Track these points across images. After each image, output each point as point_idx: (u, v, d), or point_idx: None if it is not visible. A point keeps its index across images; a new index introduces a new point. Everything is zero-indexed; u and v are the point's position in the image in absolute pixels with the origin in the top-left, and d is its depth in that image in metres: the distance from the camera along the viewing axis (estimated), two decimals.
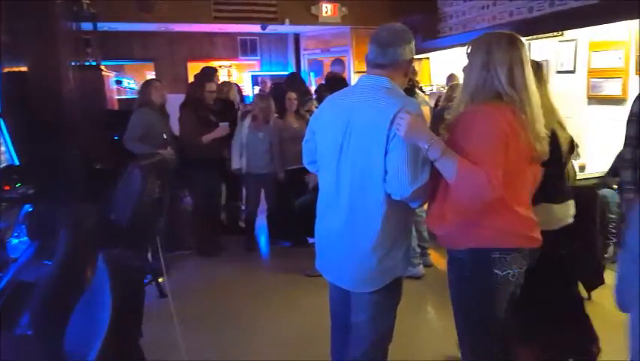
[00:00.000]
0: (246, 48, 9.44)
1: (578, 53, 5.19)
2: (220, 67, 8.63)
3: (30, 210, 3.03)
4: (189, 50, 9.07)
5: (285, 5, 7.43)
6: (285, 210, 4.65)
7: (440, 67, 7.64)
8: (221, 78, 7.55)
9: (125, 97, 8.05)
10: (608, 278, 3.52)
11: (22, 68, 3.91)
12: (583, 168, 4.38)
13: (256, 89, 8.45)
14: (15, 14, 3.55)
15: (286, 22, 7.50)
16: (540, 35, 5.51)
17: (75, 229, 1.84)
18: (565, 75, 5.36)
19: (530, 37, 5.48)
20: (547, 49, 5.57)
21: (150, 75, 8.70)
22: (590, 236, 3.32)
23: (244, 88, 8.39)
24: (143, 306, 1.32)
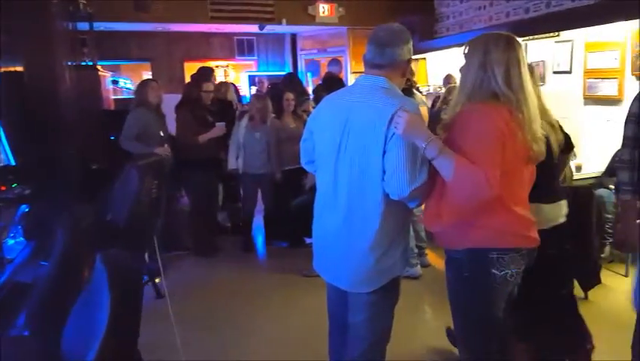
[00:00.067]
0: (243, 48, 9.43)
1: (574, 53, 5.21)
2: (217, 67, 8.62)
3: (26, 210, 3.02)
4: (186, 50, 9.05)
5: (282, 5, 7.42)
6: (282, 211, 4.65)
7: (437, 67, 7.65)
8: (218, 78, 7.56)
9: (122, 97, 8.03)
10: (604, 278, 3.55)
11: (18, 67, 3.90)
12: (579, 168, 4.40)
13: (253, 90, 8.44)
14: (11, 14, 3.54)
15: (283, 22, 7.50)
16: (537, 36, 5.53)
17: (72, 229, 1.84)
18: (561, 76, 5.39)
19: (527, 38, 5.50)
20: (543, 49, 5.59)
21: (147, 75, 8.66)
22: (587, 236, 3.34)
23: (241, 88, 8.38)
24: (141, 306, 1.31)
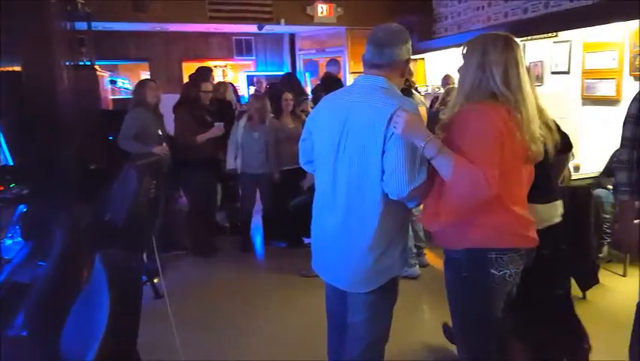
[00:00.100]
0: (241, 48, 9.43)
1: (572, 54, 5.22)
2: (215, 67, 8.61)
3: (24, 210, 3.02)
4: (184, 50, 9.05)
5: (281, 5, 7.42)
6: (281, 211, 4.64)
7: (435, 68, 7.66)
8: (217, 78, 7.54)
9: (120, 97, 8.02)
10: (602, 278, 3.56)
11: (16, 67, 3.89)
12: (577, 169, 4.41)
13: (251, 90, 8.43)
14: (8, 14, 3.53)
15: (282, 22, 7.49)
16: (535, 36, 5.54)
17: (71, 229, 1.83)
18: (559, 76, 5.40)
19: (525, 38, 5.50)
20: (541, 50, 5.61)
21: (145, 75, 8.67)
22: (585, 236, 3.35)
23: (239, 88, 8.38)
24: (140, 306, 1.31)
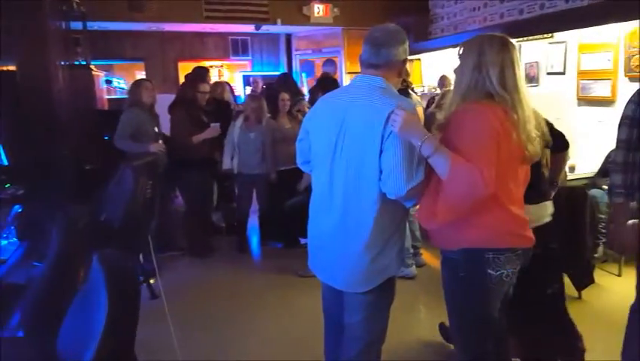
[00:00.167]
0: (238, 48, 9.41)
1: (567, 54, 5.24)
2: (211, 67, 8.59)
3: (19, 210, 3.01)
4: (180, 50, 9.02)
5: (277, 5, 7.41)
6: (277, 211, 4.64)
7: (431, 68, 7.68)
8: (212, 78, 7.53)
9: (115, 97, 7.99)
10: (597, 278, 3.57)
11: (11, 67, 3.87)
12: (573, 169, 4.42)
13: (248, 90, 8.42)
14: (3, 13, 3.52)
15: (278, 22, 7.49)
16: (530, 37, 5.56)
17: (67, 229, 1.83)
18: (555, 77, 5.42)
19: (521, 39, 5.52)
20: (537, 51, 5.62)
21: (140, 75, 8.63)
22: (580, 236, 3.36)
23: (235, 88, 8.37)
24: (139, 306, 1.31)
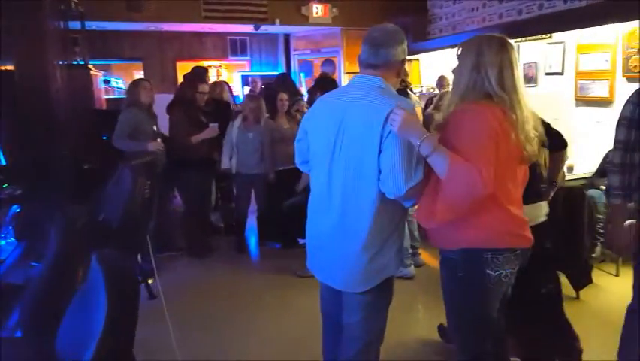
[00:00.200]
0: (236, 48, 9.41)
1: (566, 55, 5.25)
2: (210, 67, 8.59)
3: (17, 210, 3.00)
4: (178, 50, 9.02)
5: (276, 5, 7.41)
6: (275, 211, 4.64)
7: (430, 68, 7.68)
8: (211, 78, 7.52)
9: (114, 97, 7.99)
10: (595, 278, 3.58)
11: (9, 67, 3.86)
12: (571, 169, 4.42)
13: (246, 90, 8.42)
14: (2, 13, 3.51)
15: (277, 22, 7.49)
16: (529, 37, 5.56)
17: (66, 229, 1.82)
18: (553, 77, 5.43)
19: (519, 40, 5.53)
20: (535, 51, 5.63)
21: (138, 75, 8.62)
22: (578, 236, 3.37)
23: (234, 88, 8.37)
24: (138, 306, 1.31)
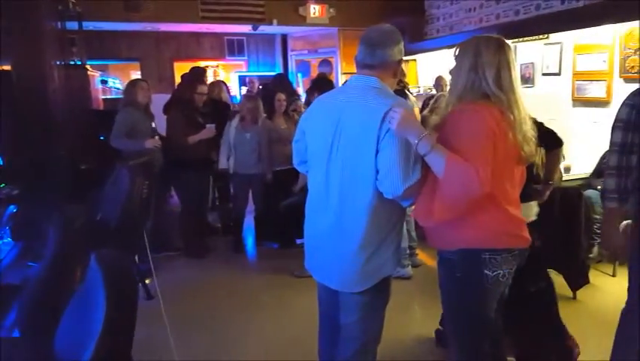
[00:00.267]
0: (233, 48, 9.41)
1: (563, 55, 5.27)
2: (207, 67, 8.58)
3: (14, 211, 2.99)
4: (175, 50, 9.02)
5: (273, 6, 7.41)
6: (273, 212, 4.64)
7: (427, 69, 7.69)
8: (208, 78, 7.52)
9: (111, 97, 7.98)
10: (592, 278, 3.59)
11: (6, 67, 3.86)
12: (568, 170, 4.43)
13: (243, 90, 8.42)
14: (1, 13, 3.50)
15: (274, 22, 7.48)
16: (526, 38, 5.58)
17: (64, 229, 1.82)
18: (550, 77, 5.44)
19: (517, 40, 5.54)
20: (533, 51, 5.65)
21: (135, 75, 8.62)
22: (575, 236, 3.38)
23: (231, 88, 8.36)
24: (137, 306, 1.31)
